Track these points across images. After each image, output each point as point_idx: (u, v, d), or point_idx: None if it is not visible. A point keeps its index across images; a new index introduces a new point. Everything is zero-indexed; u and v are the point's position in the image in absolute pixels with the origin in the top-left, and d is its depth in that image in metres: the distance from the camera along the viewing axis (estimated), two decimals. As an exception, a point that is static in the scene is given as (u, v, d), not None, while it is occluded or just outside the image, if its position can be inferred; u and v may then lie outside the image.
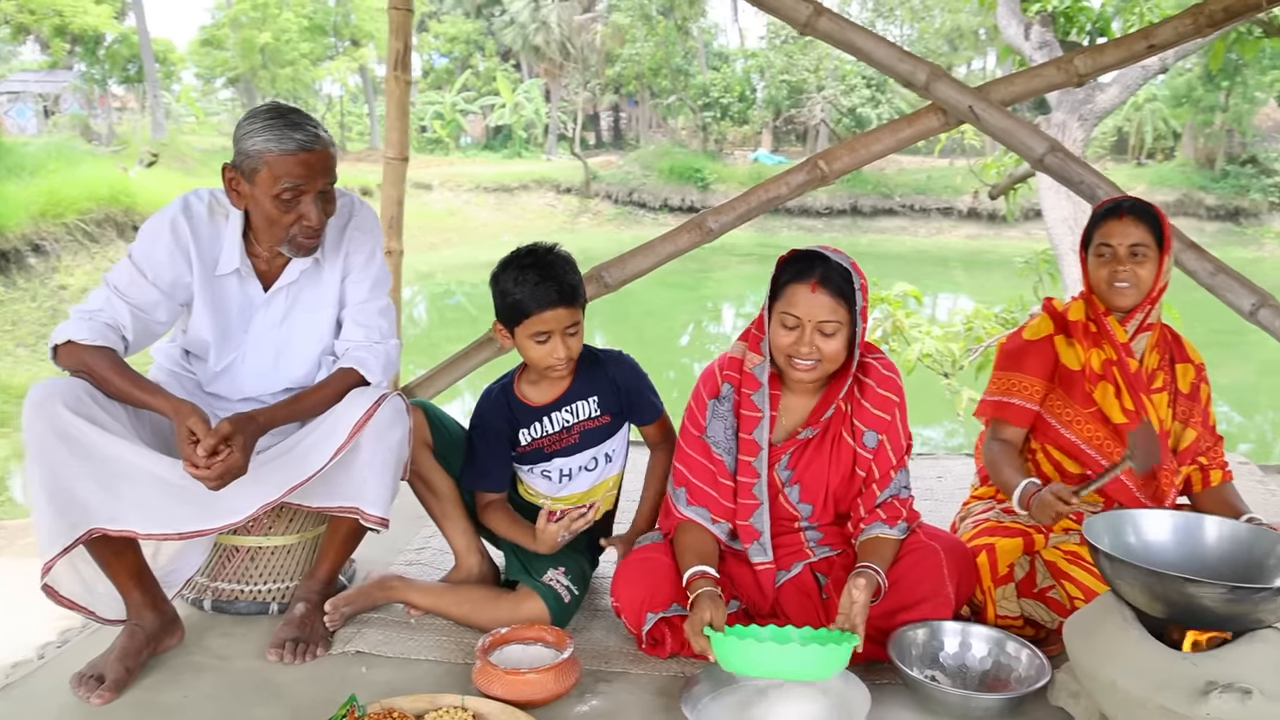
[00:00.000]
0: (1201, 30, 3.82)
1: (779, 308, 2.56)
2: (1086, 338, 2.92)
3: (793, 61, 38.51)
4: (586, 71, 41.82)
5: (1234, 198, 32.43)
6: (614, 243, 31.37)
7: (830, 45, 4.18)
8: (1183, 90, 32.50)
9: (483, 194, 34.77)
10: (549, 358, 2.76)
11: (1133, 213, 2.85)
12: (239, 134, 2.56)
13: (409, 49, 4.40)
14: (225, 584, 2.93)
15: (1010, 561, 2.69)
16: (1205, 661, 2.00)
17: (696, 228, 4.34)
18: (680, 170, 35.74)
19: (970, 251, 31.02)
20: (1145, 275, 2.82)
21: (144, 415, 2.61)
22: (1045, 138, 3.94)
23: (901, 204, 34.63)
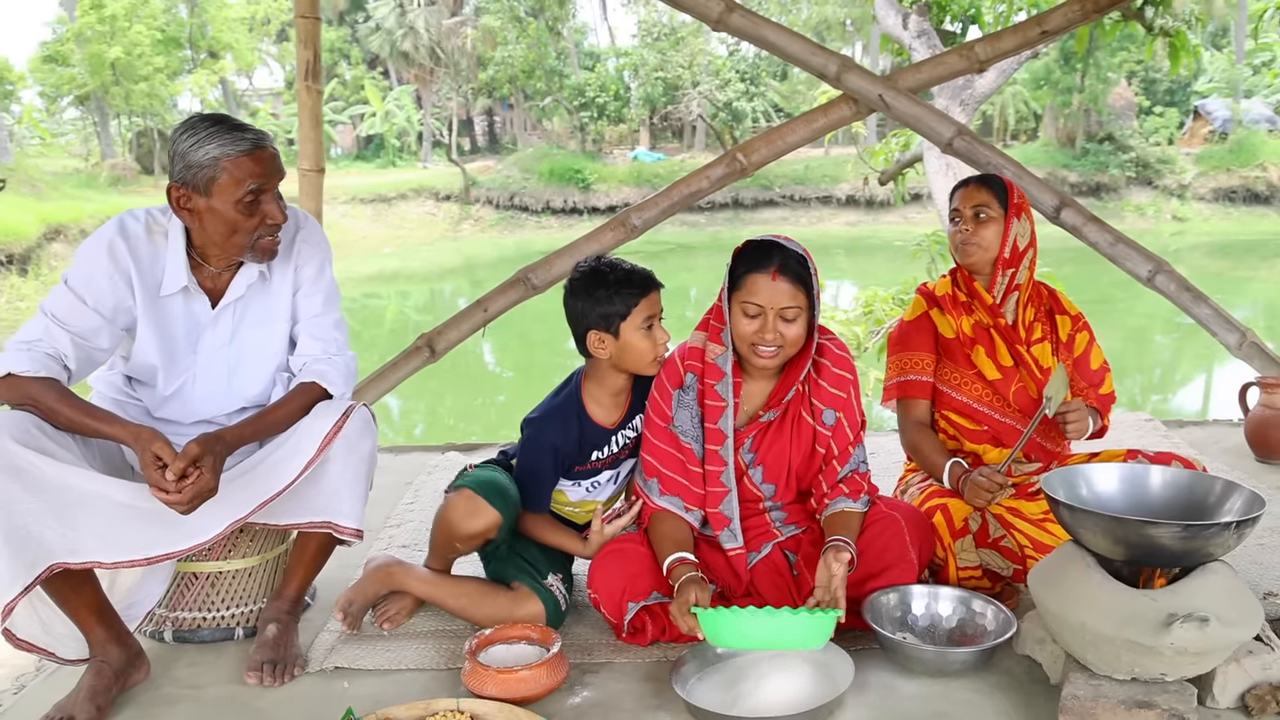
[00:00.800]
0: (1089, 15, 4.06)
1: (740, 297, 2.65)
2: (956, 307, 3.16)
3: (666, 58, 38.77)
4: (458, 76, 41.43)
5: (1095, 174, 33.89)
6: (498, 248, 31.33)
7: (744, 40, 4.30)
8: (1041, 73, 33.78)
9: (359, 206, 34.16)
10: (657, 345, 2.78)
11: (979, 181, 3.12)
12: (180, 149, 2.49)
13: (318, 58, 4.40)
14: (186, 613, 2.86)
15: (964, 516, 2.87)
16: (1164, 596, 2.17)
17: (620, 225, 4.44)
18: (560, 172, 35.71)
19: (851, 238, 31.75)
20: (988, 235, 3.05)
21: (92, 443, 2.55)
22: (952, 122, 4.14)
23: (781, 194, 35.17)
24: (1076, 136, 34.99)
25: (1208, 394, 14.28)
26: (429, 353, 4.67)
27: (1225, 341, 4.46)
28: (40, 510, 2.33)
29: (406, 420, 13.99)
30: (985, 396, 3.09)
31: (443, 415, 14.20)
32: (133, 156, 37.11)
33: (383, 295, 25.62)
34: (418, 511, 3.95)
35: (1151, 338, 16.84)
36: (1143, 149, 34.42)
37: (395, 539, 3.67)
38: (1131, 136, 34.71)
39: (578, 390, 2.94)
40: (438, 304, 24.94)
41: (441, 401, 14.70)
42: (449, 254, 31.14)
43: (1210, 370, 15.03)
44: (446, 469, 4.43)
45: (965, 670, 2.51)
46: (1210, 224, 32.53)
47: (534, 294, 4.47)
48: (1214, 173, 33.94)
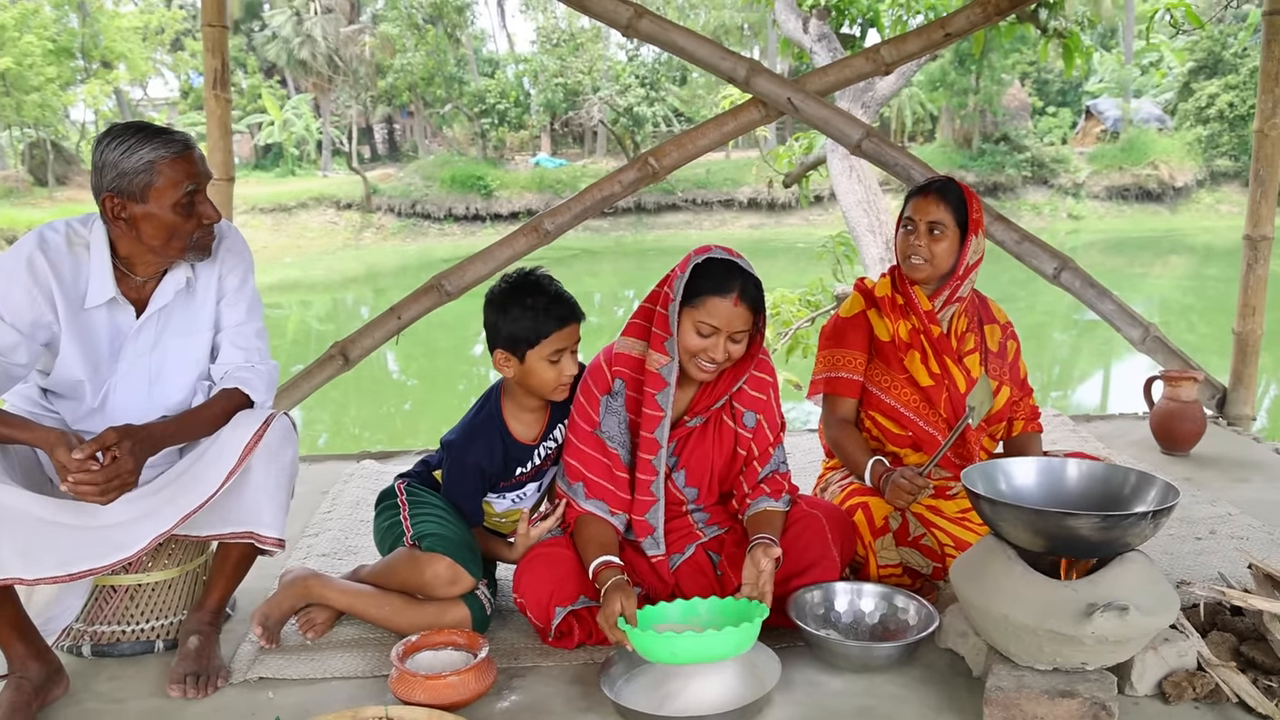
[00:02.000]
0: (991, 18, 4.15)
1: (696, 315, 2.61)
2: (894, 310, 3.15)
3: (566, 64, 38.77)
4: (357, 84, 40.88)
5: (991, 174, 34.66)
6: (401, 255, 30.99)
7: (654, 45, 4.32)
8: (937, 75, 34.29)
9: (259, 215, 33.53)
10: (561, 376, 2.78)
11: (939, 192, 3.06)
12: (110, 158, 2.46)
13: (226, 66, 4.31)
14: (105, 626, 2.81)
15: (884, 515, 2.90)
16: (1084, 587, 2.22)
17: (533, 230, 4.42)
18: (462, 179, 35.46)
19: (754, 240, 32.01)
20: (939, 252, 3.03)
21: (11, 456, 2.50)
22: (861, 124, 4.20)
23: (684, 199, 35.39)
24: (973, 137, 35.80)
25: (1106, 389, 14.71)
26: (343, 361, 4.60)
27: (1129, 336, 4.60)
28: None
29: (310, 430, 13.76)
30: (914, 402, 3.10)
31: (347, 424, 13.98)
32: (25, 168, 36.07)
33: (284, 305, 25.14)
34: (335, 520, 3.90)
35: (1050, 334, 17.26)
36: (1037, 149, 35.34)
37: (315, 548, 3.62)
38: (1026, 137, 35.62)
39: (498, 407, 2.93)
40: (340, 313, 24.57)
41: (346, 411, 14.49)
42: (351, 262, 30.71)
43: (1108, 365, 15.50)
44: (363, 477, 4.39)
45: (889, 665, 2.55)
46: (1105, 222, 33.56)
47: (448, 300, 4.43)
48: (1107, 171, 35.05)
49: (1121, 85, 38.18)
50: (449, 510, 2.92)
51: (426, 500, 2.94)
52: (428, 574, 2.74)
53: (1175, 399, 4.37)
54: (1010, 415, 3.24)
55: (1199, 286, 23.21)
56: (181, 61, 43.88)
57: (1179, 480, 3.95)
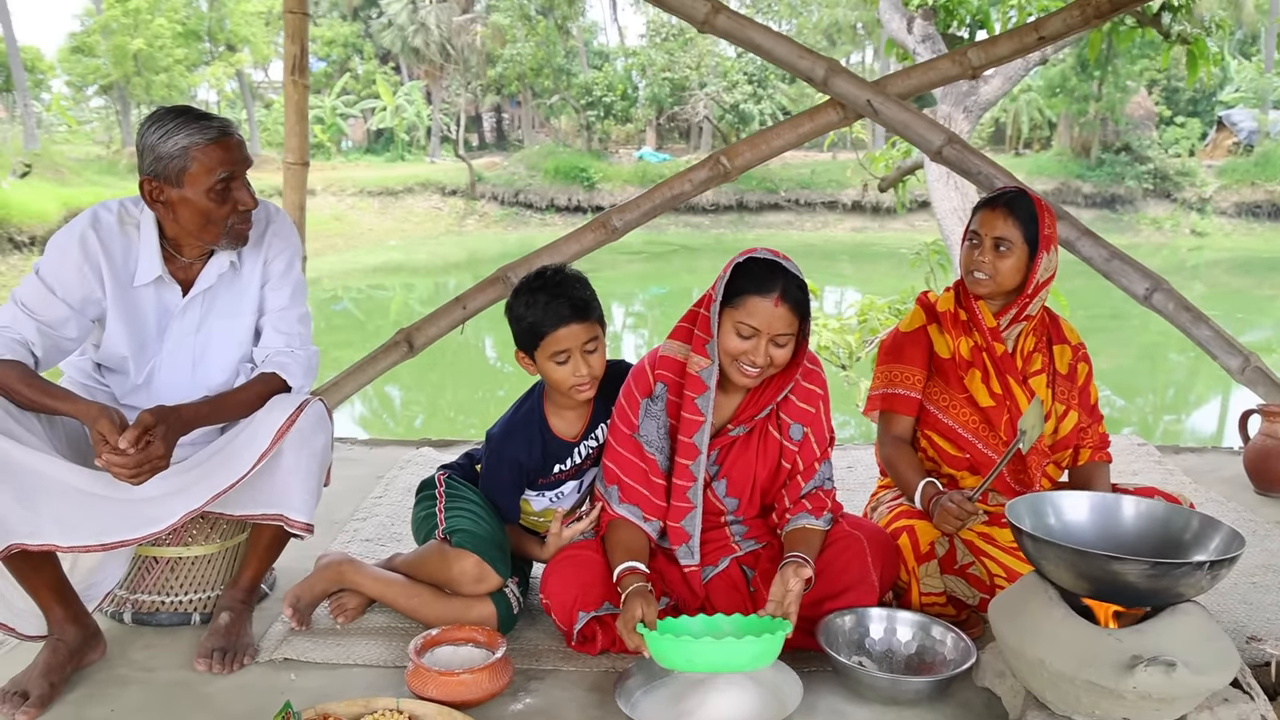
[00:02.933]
0: (1089, 21, 3.94)
1: (737, 316, 2.52)
2: (956, 326, 3.00)
3: (674, 59, 38.67)
4: (467, 73, 41.40)
5: (1110, 185, 33.19)
6: (502, 244, 31.26)
7: (727, 40, 4.21)
8: (1057, 80, 33.09)
9: (367, 198, 34.24)
10: (571, 377, 2.71)
11: (1008, 205, 2.89)
12: (149, 142, 2.51)
13: (305, 53, 4.33)
14: (145, 595, 2.88)
15: (930, 540, 2.76)
16: (1129, 636, 2.06)
17: (601, 226, 4.35)
18: (565, 170, 35.64)
19: (856, 244, 31.58)
20: (1004, 269, 2.86)
21: (59, 426, 2.58)
22: (942, 129, 4.03)
23: (787, 199, 35.04)
24: (1092, 146, 34.27)
25: (1223, 418, 13.83)
26: (407, 347, 4.59)
27: (1227, 365, 4.32)
28: (2, 491, 2.34)
29: (408, 411, 14.06)
30: (973, 423, 2.95)
31: (444, 408, 14.24)
32: (151, 144, 37.64)
33: (388, 287, 25.64)
34: (385, 506, 3.93)
35: (1165, 356, 16.50)
36: (1162, 160, 33.59)
37: (360, 532, 3.64)
38: (1150, 147, 33.87)
39: (540, 403, 2.89)
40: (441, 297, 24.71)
41: (442, 394, 14.74)
42: (453, 248, 31.11)
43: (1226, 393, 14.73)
44: (419, 464, 4.41)
45: (920, 700, 2.41)
46: (1232, 239, 31.67)
47: (513, 292, 4.38)
48: (1237, 186, 32.92)
49: (1260, 96, 35.74)
50: (484, 506, 2.89)
51: (463, 494, 2.92)
52: (455, 570, 2.72)
53: (1272, 435, 4.07)
54: (1077, 443, 3.06)
55: (1336, 312, 21.98)
56: (301, 45, 44.90)
57: (1271, 524, 3.69)
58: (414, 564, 2.90)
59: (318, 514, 2.69)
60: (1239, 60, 36.99)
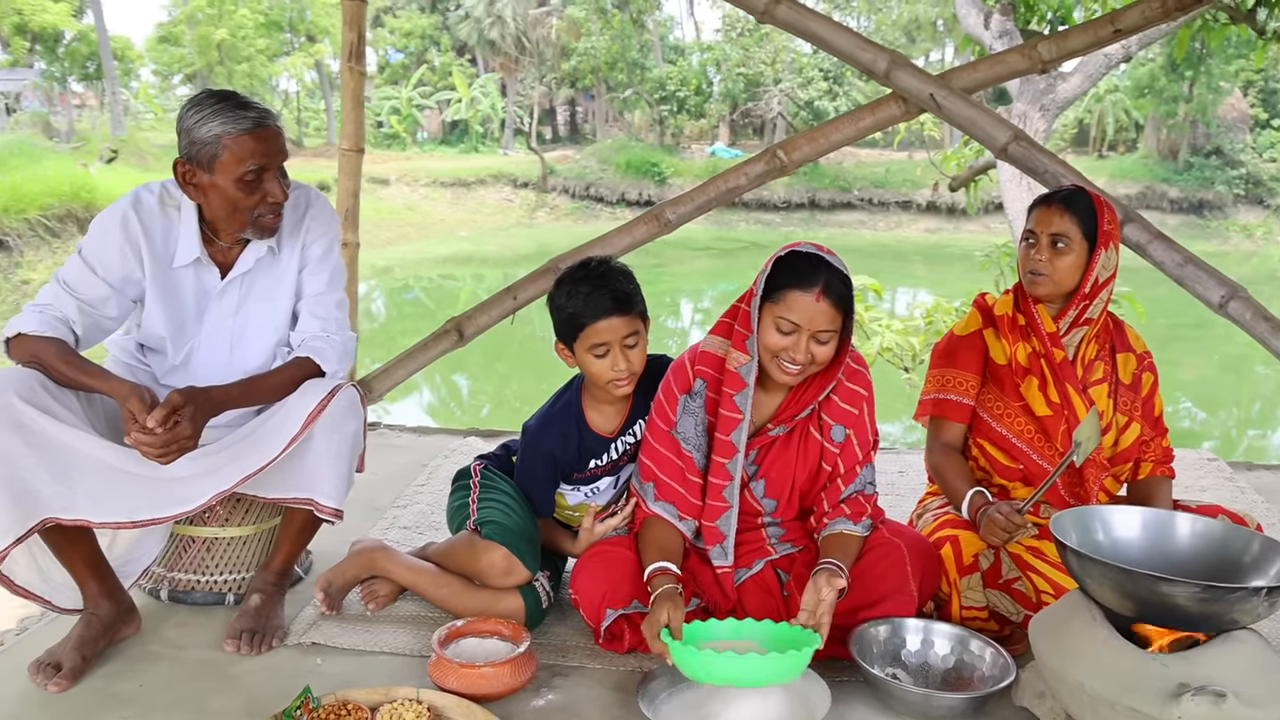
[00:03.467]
0: (1169, 14, 3.76)
1: (776, 311, 2.44)
2: (1013, 331, 2.87)
3: (749, 54, 38.43)
4: (542, 66, 41.57)
5: (1198, 190, 32.11)
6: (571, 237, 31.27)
7: (789, 34, 4.11)
8: (1145, 80, 31.94)
9: (439, 189, 34.54)
10: (610, 371, 2.65)
11: (1064, 201, 2.77)
12: (186, 125, 2.53)
13: (363, 40, 4.32)
14: (182, 574, 2.91)
15: (974, 552, 2.64)
16: (1176, 663, 1.95)
17: (654, 219, 4.27)
18: (637, 164, 35.59)
19: (930, 245, 31.06)
20: (1063, 267, 2.74)
21: (96, 404, 2.60)
22: (1008, 126, 3.88)
23: (860, 197, 34.62)
24: (1180, 149, 33.19)
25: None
26: (457, 336, 4.56)
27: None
28: (39, 465, 2.39)
29: (475, 400, 14.17)
30: (1028, 433, 2.82)
31: (509, 398, 14.31)
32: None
33: (458, 277, 25.82)
34: (426, 494, 3.93)
35: (1251, 368, 15.97)
36: (1255, 165, 32.36)
37: (399, 519, 3.65)
38: (1243, 151, 32.66)
39: (577, 397, 2.85)
40: (510, 289, 24.98)
41: (508, 384, 14.82)
42: (523, 240, 31.22)
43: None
44: (464, 454, 4.42)
45: (954, 717, 2.30)
46: (1328, 249, 30.80)
47: (563, 285, 4.33)
48: (1336, 194, 31.81)
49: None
50: (518, 498, 2.86)
51: (498, 486, 2.89)
52: (483, 562, 2.70)
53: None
54: (1139, 456, 2.92)
55: None
56: (380, 38, 45.55)
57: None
58: (445, 554, 2.88)
59: (359, 499, 2.69)
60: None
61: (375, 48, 46.53)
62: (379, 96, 42.51)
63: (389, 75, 46.99)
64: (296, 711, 2.17)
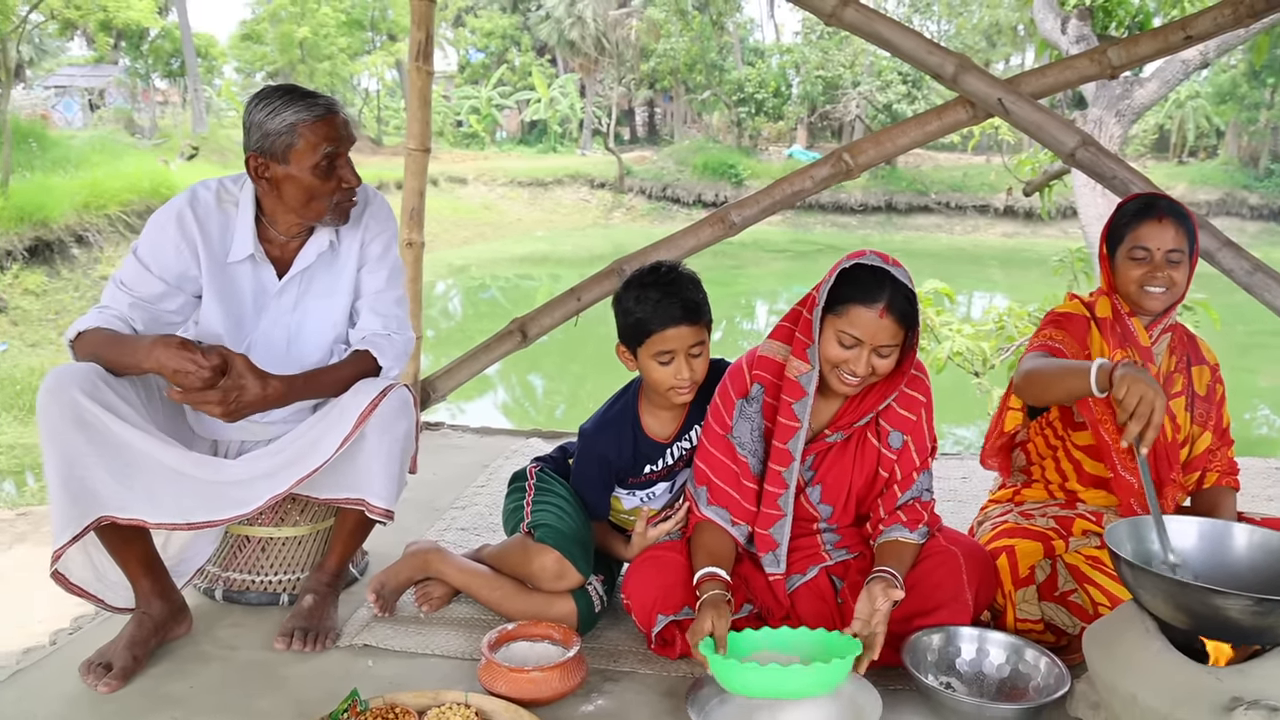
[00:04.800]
0: (1241, 20, 3.70)
1: (839, 324, 2.43)
2: (1113, 335, 2.81)
3: (828, 57, 38.18)
4: (621, 66, 41.71)
5: (1278, 197, 31.85)
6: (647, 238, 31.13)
7: (858, 36, 4.10)
8: (1226, 87, 31.84)
9: (517, 188, 34.82)
10: (672, 379, 2.65)
11: (1170, 213, 2.73)
12: (257, 119, 2.55)
13: (430, 40, 4.39)
14: (237, 574, 2.92)
15: (1031, 564, 2.61)
16: (1230, 676, 1.91)
17: (719, 221, 4.30)
18: (714, 166, 35.57)
19: (1007, 250, 30.65)
20: (1179, 279, 2.72)
21: (156, 402, 2.61)
22: (1077, 131, 3.85)
23: (937, 201, 34.27)
24: (1261, 156, 33.00)
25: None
26: (521, 337, 4.63)
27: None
28: (98, 464, 2.39)
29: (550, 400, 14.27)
30: (1116, 440, 2.75)
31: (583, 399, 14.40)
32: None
33: (534, 277, 26.02)
34: (486, 495, 3.94)
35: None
36: None
37: (457, 520, 3.67)
38: None
39: (634, 401, 2.85)
40: (584, 290, 25.12)
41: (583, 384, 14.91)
42: (599, 241, 31.35)
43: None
44: (525, 455, 4.41)
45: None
46: None
47: (628, 286, 4.36)
48: None
49: None
50: (572, 501, 2.86)
51: (553, 489, 2.89)
52: (535, 565, 2.70)
53: None
54: (1205, 466, 2.87)
55: None
56: (461, 37, 46.05)
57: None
58: (498, 556, 2.89)
59: (418, 499, 2.66)
60: None
61: (457, 47, 47.06)
62: (458, 96, 43.02)
63: (469, 75, 47.52)
64: (343, 715, 2.16)
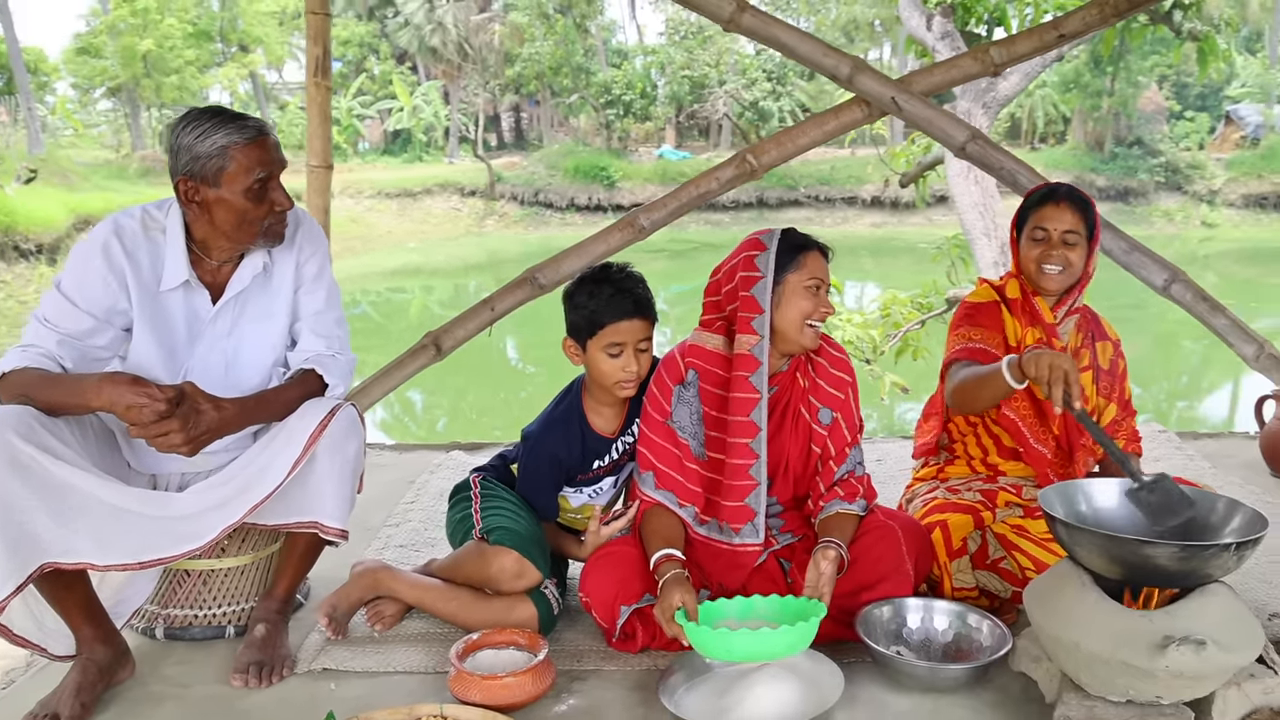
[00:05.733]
0: (1108, 20, 3.96)
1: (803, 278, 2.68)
2: (1023, 314, 3.03)
3: (693, 57, 38.64)
4: (485, 72, 41.41)
5: (1123, 178, 33.67)
6: (522, 244, 31.30)
7: (756, 41, 4.24)
8: (1071, 76, 33.54)
9: (384, 200, 34.21)
10: (620, 372, 2.76)
11: (1069, 199, 2.97)
12: (185, 142, 2.50)
13: (328, 54, 4.37)
14: (178, 610, 2.85)
15: (963, 535, 2.80)
16: (1161, 618, 2.11)
17: (629, 226, 4.38)
18: (585, 169, 35.66)
19: (876, 239, 31.53)
20: (1075, 260, 2.94)
21: (91, 438, 2.54)
22: (966, 126, 4.06)
23: (807, 195, 35.03)
24: (1105, 140, 34.84)
25: (1234, 403, 14.05)
26: (435, 350, 4.61)
27: (1242, 353, 4.37)
28: (37, 508, 2.30)
29: (430, 414, 14.09)
30: (1030, 416, 2.99)
31: (465, 410, 14.27)
32: (163, 148, 37.35)
33: (407, 289, 25.69)
34: (418, 511, 3.93)
35: (1179, 343, 16.62)
36: (1172, 154, 34.23)
37: (394, 538, 3.65)
38: (1161, 141, 34.56)
39: (578, 399, 2.93)
40: (461, 300, 24.93)
41: (464, 397, 14.79)
42: (473, 249, 31.15)
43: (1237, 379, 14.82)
44: (450, 468, 4.43)
45: (959, 687, 2.46)
46: (1240, 230, 32.13)
47: (541, 293, 4.41)
48: (1245, 179, 33.67)
49: (1265, 90, 36.53)
50: (521, 505, 2.92)
51: (499, 495, 2.94)
52: (494, 567, 2.73)
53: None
54: (1113, 434, 3.10)
55: (1340, 300, 22.06)
56: (318, 47, 44.91)
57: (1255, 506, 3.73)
58: (451, 567, 2.91)
59: (351, 520, 2.63)
60: (1244, 56, 37.32)
61: (313, 58, 46.03)
62: (318, 108, 42.07)
63: (329, 86, 46.52)
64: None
